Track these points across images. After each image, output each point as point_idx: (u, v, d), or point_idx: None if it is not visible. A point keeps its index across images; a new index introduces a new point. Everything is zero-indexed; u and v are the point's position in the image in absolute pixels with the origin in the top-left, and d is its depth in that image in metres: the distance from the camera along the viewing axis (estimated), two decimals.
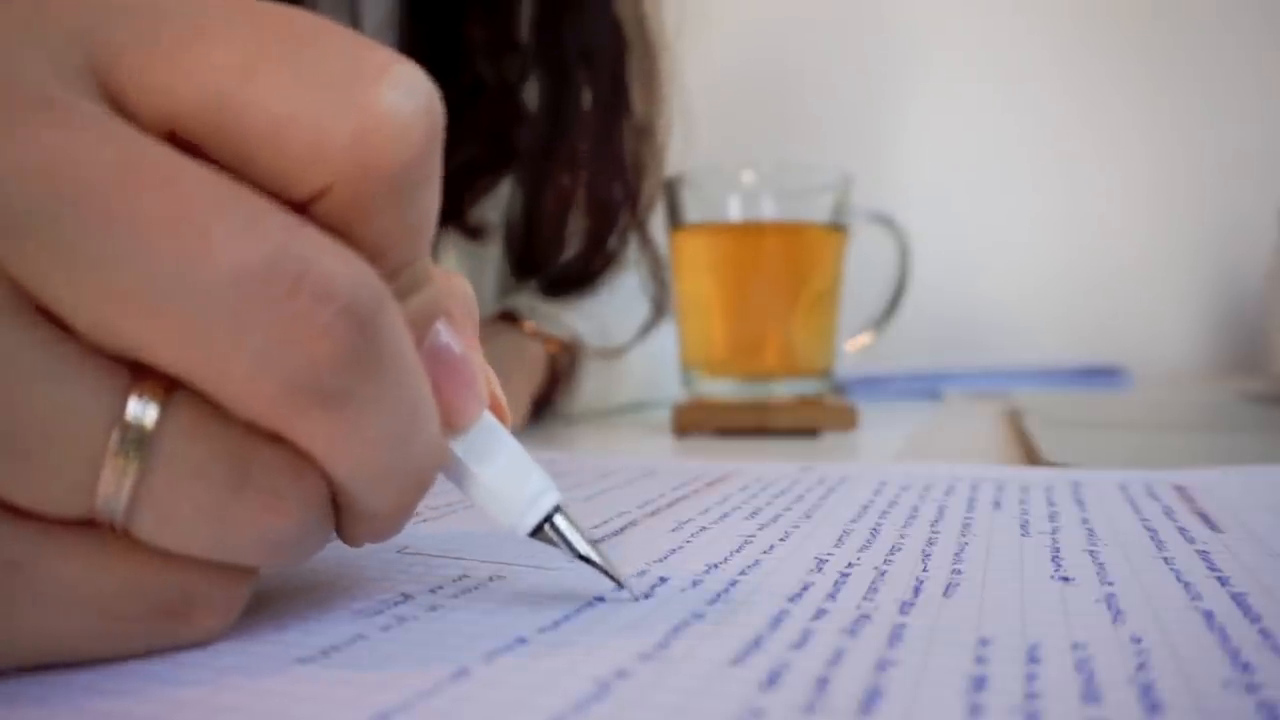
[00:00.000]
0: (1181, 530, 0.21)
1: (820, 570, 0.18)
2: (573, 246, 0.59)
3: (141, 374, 0.12)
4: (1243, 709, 0.11)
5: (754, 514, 0.24)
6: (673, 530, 0.22)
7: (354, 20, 0.49)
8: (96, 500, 0.11)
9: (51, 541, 0.12)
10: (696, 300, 0.50)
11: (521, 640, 0.14)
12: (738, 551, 0.20)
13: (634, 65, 0.58)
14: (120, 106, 0.12)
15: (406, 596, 0.16)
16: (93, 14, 0.12)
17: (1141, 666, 0.13)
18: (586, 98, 0.57)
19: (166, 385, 0.12)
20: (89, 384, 0.11)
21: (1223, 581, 0.17)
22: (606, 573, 0.16)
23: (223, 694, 0.12)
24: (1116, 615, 0.15)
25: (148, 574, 0.12)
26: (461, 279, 0.17)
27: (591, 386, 0.58)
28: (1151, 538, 0.21)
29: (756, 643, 0.14)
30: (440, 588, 0.17)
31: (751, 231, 0.49)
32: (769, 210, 0.49)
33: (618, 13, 0.58)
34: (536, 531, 0.16)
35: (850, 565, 0.19)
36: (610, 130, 0.58)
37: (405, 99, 0.12)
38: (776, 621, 0.15)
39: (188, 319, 0.11)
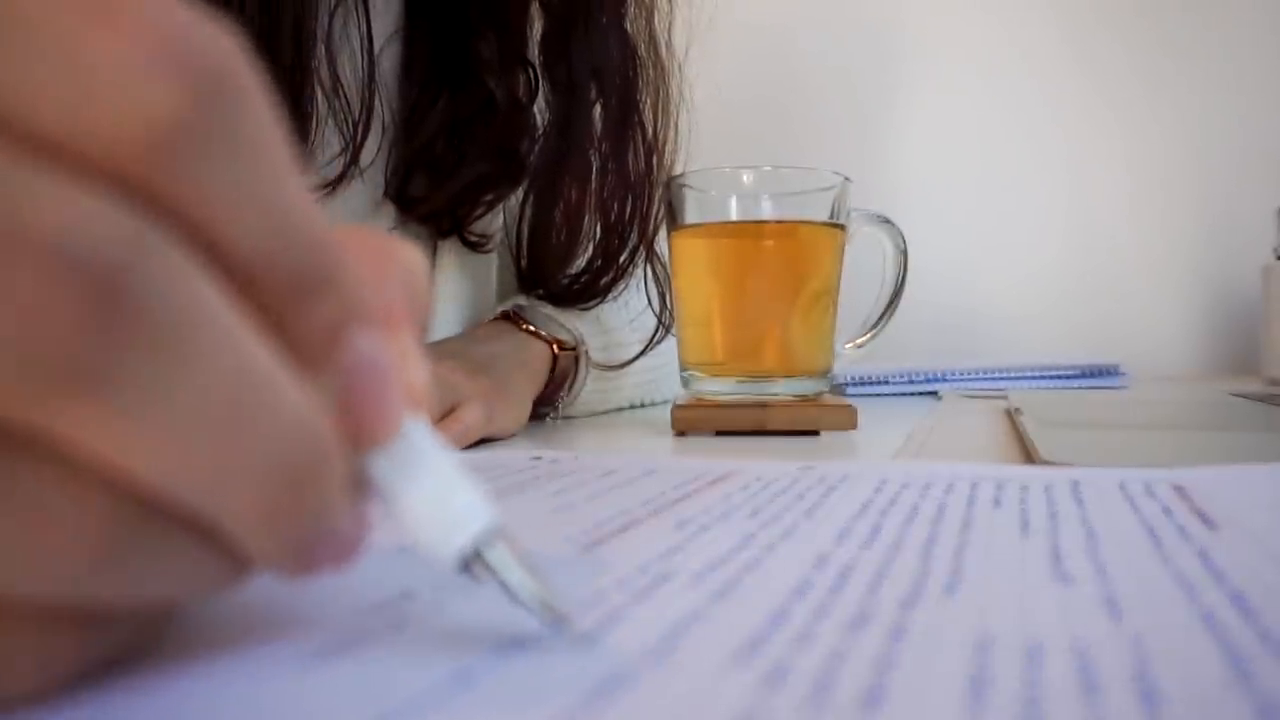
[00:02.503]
0: (1180, 529, 0.22)
1: (821, 568, 0.18)
2: (580, 261, 0.59)
3: None
4: (1242, 709, 0.11)
5: (755, 513, 0.24)
6: (675, 528, 0.22)
7: (365, 35, 0.49)
8: None
9: None
10: (696, 300, 0.51)
11: (523, 639, 0.14)
12: (739, 550, 0.20)
13: (644, 84, 0.58)
14: None
15: (409, 594, 0.17)
16: None
17: (1141, 666, 0.13)
18: (597, 115, 0.58)
19: None
20: None
21: (1221, 580, 0.17)
22: (546, 612, 0.14)
23: (224, 694, 0.12)
24: (1116, 615, 0.15)
25: None
26: (409, 248, 0.15)
27: (592, 387, 0.58)
28: (1150, 536, 0.21)
29: (758, 641, 0.14)
30: (443, 586, 0.17)
31: (750, 232, 0.50)
32: (768, 211, 0.50)
33: (629, 32, 0.57)
34: (466, 563, 0.14)
35: (851, 563, 0.19)
36: (621, 148, 0.58)
37: (139, 48, 0.10)
38: (778, 619, 0.15)
39: None
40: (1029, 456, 0.37)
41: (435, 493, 0.13)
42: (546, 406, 0.55)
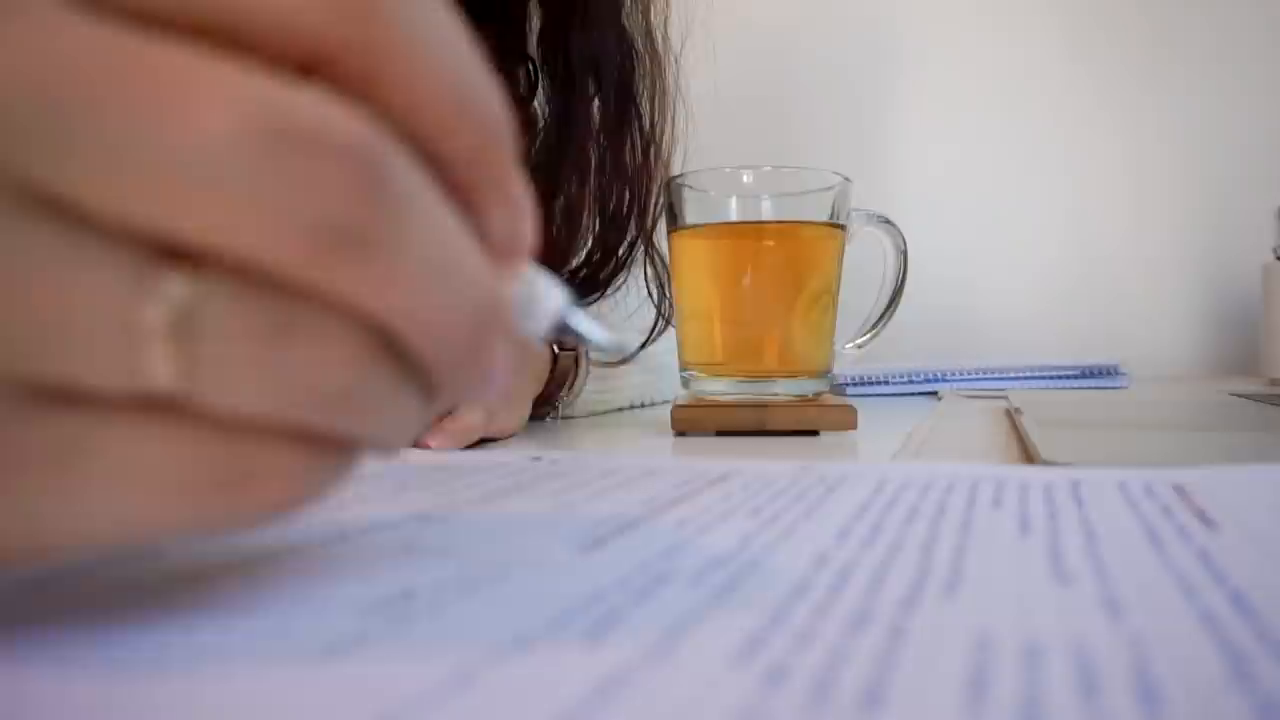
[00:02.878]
0: (1180, 529, 0.22)
1: (821, 568, 0.18)
2: (579, 255, 0.59)
3: (169, 253, 0.12)
4: (1242, 709, 0.11)
5: (755, 512, 0.24)
6: (675, 528, 0.22)
7: None
8: (146, 377, 0.12)
9: (112, 422, 0.12)
10: (696, 301, 0.51)
11: (522, 639, 0.14)
12: (739, 550, 0.20)
13: (641, 77, 0.58)
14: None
15: (410, 594, 0.17)
16: None
17: (1141, 666, 0.13)
18: (595, 109, 0.58)
19: (195, 259, 0.12)
20: (112, 267, 0.11)
21: (1221, 580, 0.17)
22: (617, 352, 0.17)
23: (223, 692, 0.12)
24: (1116, 615, 0.15)
25: (210, 445, 0.12)
26: None
27: (593, 387, 0.58)
28: (1150, 536, 0.21)
29: (757, 641, 0.14)
30: (443, 586, 0.17)
31: (750, 232, 0.50)
32: (768, 211, 0.50)
33: (625, 25, 0.58)
34: (561, 329, 0.17)
35: (851, 563, 0.19)
36: (618, 141, 0.58)
37: None
38: (777, 619, 0.15)
39: (190, 189, 0.11)
40: (1029, 456, 0.37)
41: (529, 283, 0.16)
42: (546, 406, 0.55)
